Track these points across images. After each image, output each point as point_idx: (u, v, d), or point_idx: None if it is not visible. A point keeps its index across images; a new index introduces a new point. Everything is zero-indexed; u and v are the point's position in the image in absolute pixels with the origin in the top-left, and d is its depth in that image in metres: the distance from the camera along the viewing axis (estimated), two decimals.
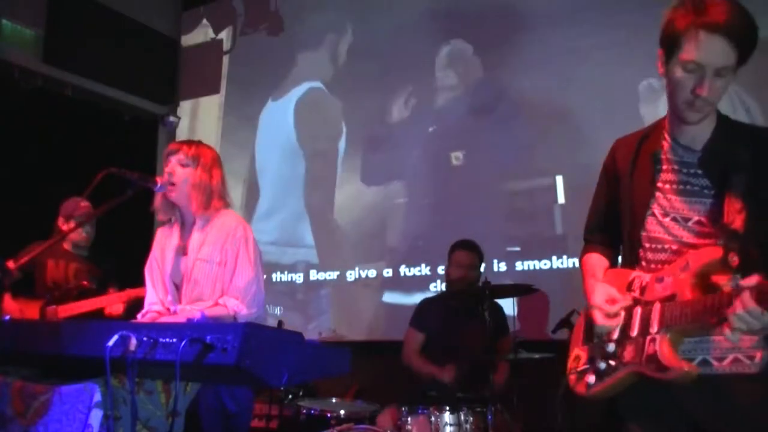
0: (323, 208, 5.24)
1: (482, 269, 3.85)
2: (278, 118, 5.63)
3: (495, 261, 4.41)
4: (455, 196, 4.68)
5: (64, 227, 3.85)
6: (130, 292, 3.83)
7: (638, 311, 1.63)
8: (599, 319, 1.67)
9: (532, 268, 4.34)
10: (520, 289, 3.58)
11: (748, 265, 1.47)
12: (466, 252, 3.77)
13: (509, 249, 4.43)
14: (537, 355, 3.32)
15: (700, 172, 1.64)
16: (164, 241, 2.63)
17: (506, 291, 3.64)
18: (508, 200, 4.51)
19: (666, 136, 1.71)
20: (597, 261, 1.87)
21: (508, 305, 3.91)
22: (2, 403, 1.83)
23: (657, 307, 1.58)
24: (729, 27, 1.50)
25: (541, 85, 4.43)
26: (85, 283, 3.84)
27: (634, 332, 1.61)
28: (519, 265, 4.40)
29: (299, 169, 5.39)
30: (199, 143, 2.66)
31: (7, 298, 3.78)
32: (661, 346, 1.53)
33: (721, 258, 1.51)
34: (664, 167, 1.69)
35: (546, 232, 4.33)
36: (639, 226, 1.70)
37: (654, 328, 1.57)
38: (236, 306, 2.41)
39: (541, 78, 4.43)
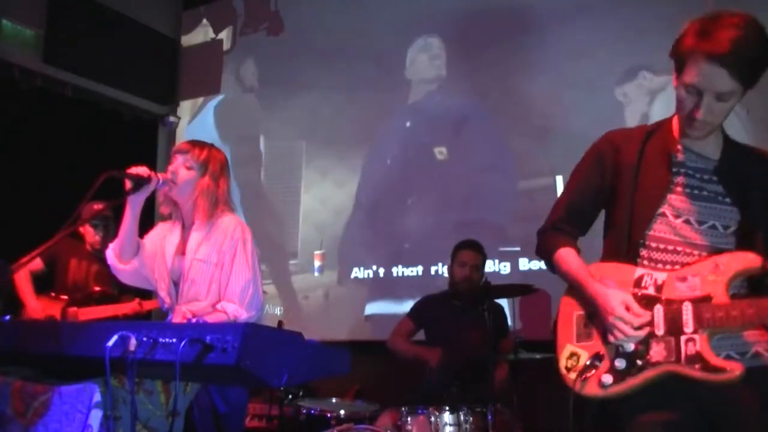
0: (317, 209, 5.25)
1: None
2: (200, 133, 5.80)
3: (495, 261, 4.41)
4: (455, 197, 4.68)
5: (81, 229, 3.99)
6: (151, 304, 3.84)
7: (660, 310, 1.63)
8: (625, 329, 1.63)
9: (532, 268, 4.34)
10: (520, 289, 3.58)
11: None
12: (471, 252, 3.77)
13: (509, 249, 4.43)
14: (537, 355, 3.32)
15: (715, 179, 1.69)
16: (166, 235, 2.62)
17: (506, 291, 3.64)
18: (508, 200, 4.51)
19: (678, 140, 1.73)
20: (575, 256, 1.83)
21: (507, 305, 3.91)
22: (2, 403, 1.83)
23: (689, 307, 1.59)
24: (732, 57, 1.51)
25: (541, 85, 4.44)
26: (107, 288, 3.89)
27: (660, 331, 1.61)
28: (519, 265, 4.40)
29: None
30: (211, 147, 2.61)
31: (31, 297, 3.82)
32: (702, 345, 1.55)
33: (761, 266, 1.57)
34: (681, 170, 1.72)
35: None
36: (644, 225, 1.71)
37: (689, 328, 1.58)
38: (235, 311, 2.41)
39: (541, 77, 4.44)
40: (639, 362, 1.61)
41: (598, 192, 1.83)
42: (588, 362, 1.68)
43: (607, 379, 1.64)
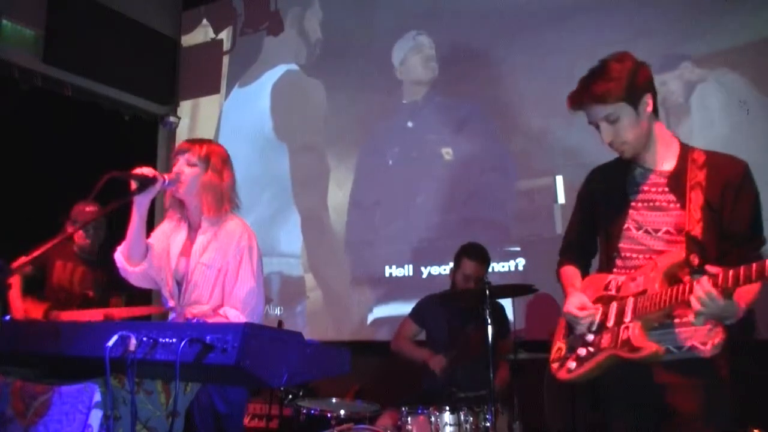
0: (316, 208, 5.24)
1: None
2: (248, 105, 5.68)
3: (495, 261, 4.41)
4: (455, 197, 4.69)
5: (70, 230, 3.83)
6: (136, 310, 3.80)
7: (614, 306, 1.95)
8: (572, 321, 2.01)
9: (532, 268, 4.34)
10: (520, 289, 3.58)
11: (705, 263, 1.77)
12: (476, 264, 3.72)
13: (509, 249, 4.43)
14: (537, 355, 3.32)
15: (666, 189, 1.98)
16: (172, 234, 2.61)
17: (506, 291, 3.63)
18: (508, 200, 4.51)
19: (634, 163, 2.04)
20: (573, 272, 2.20)
21: (507, 305, 3.91)
22: (2, 403, 1.83)
23: (630, 300, 1.91)
24: (596, 96, 1.94)
25: (541, 85, 4.43)
26: (88, 292, 3.85)
27: (611, 323, 1.92)
28: (519, 265, 4.40)
29: (279, 166, 5.41)
30: (209, 143, 2.62)
31: (17, 297, 3.78)
32: (633, 331, 1.84)
33: (685, 259, 1.84)
34: (636, 189, 2.02)
35: (546, 232, 4.33)
36: (616, 240, 2.03)
37: (628, 318, 1.88)
38: (237, 317, 2.40)
39: (541, 77, 4.43)
40: (592, 350, 1.93)
41: (586, 226, 2.21)
42: (564, 353, 2.02)
43: (572, 365, 1.96)
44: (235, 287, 2.45)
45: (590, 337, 1.94)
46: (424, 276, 4.68)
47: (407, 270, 4.76)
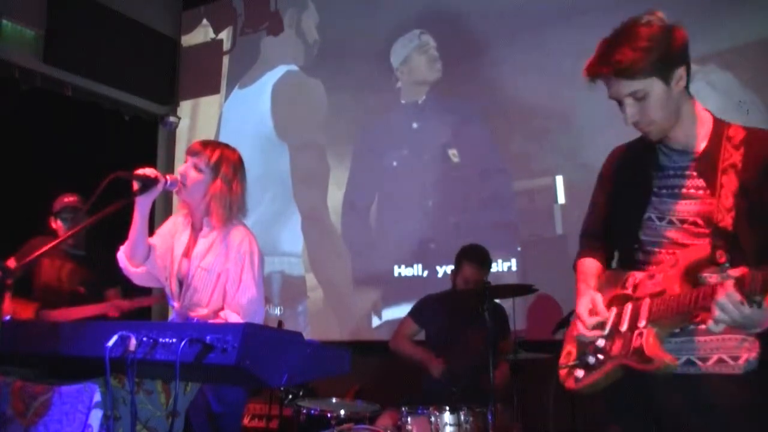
0: (317, 207, 5.23)
1: None
2: (248, 105, 5.69)
3: (496, 261, 4.40)
4: (454, 197, 4.69)
5: (54, 225, 3.80)
6: (128, 303, 3.75)
7: (629, 307, 1.69)
8: (579, 328, 1.75)
9: (532, 268, 4.34)
10: (520, 289, 3.58)
11: (736, 260, 1.51)
12: (476, 268, 3.69)
13: (510, 249, 4.43)
14: (537, 355, 3.32)
15: (694, 174, 1.69)
16: (177, 232, 2.59)
17: (506, 291, 3.63)
18: (508, 201, 4.51)
19: (660, 144, 1.76)
20: (590, 265, 1.91)
21: (507, 305, 3.91)
22: (2, 403, 1.83)
23: (646, 302, 1.64)
24: (621, 70, 1.61)
25: (541, 85, 4.43)
26: (81, 290, 3.77)
27: (624, 327, 1.67)
28: (519, 265, 4.40)
29: (280, 165, 5.40)
30: (224, 148, 2.55)
31: (6, 298, 3.71)
32: (647, 338, 1.58)
33: (709, 255, 1.56)
34: (660, 173, 1.75)
35: (546, 233, 4.33)
36: (635, 231, 1.76)
37: (642, 322, 1.62)
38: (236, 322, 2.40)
39: (541, 77, 4.43)
40: (602, 357, 1.69)
41: (606, 209, 1.91)
42: (574, 358, 1.78)
43: (580, 373, 1.74)
44: (237, 293, 2.43)
45: (601, 343, 1.70)
46: (425, 276, 4.68)
47: (407, 270, 4.76)
